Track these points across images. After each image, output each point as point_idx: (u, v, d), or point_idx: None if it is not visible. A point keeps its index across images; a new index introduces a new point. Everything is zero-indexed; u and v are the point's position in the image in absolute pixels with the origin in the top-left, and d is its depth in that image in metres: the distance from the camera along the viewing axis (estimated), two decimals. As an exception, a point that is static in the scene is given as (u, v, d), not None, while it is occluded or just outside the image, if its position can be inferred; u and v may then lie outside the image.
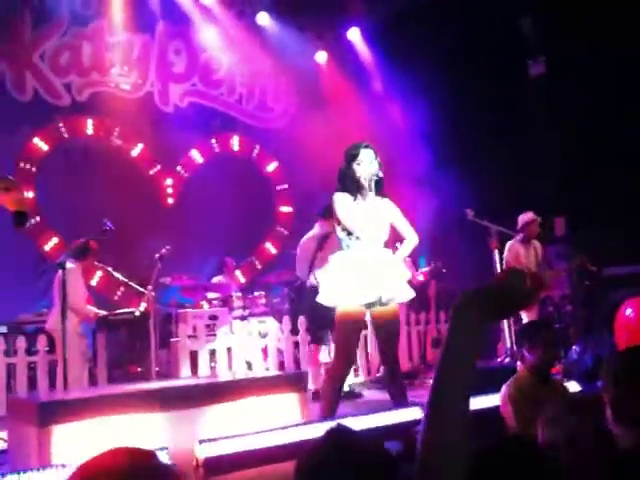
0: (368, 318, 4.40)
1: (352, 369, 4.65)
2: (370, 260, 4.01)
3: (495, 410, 3.67)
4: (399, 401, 4.10)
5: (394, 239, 4.39)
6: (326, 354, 6.03)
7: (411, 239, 4.26)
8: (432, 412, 1.26)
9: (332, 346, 5.65)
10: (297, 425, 3.74)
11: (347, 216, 4.03)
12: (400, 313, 4.60)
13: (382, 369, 5.12)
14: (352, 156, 4.10)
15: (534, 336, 3.56)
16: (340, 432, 1.42)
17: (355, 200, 4.09)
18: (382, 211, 4.15)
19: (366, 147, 4.13)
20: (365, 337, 7.10)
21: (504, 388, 3.57)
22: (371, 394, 6.10)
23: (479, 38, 8.66)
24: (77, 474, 1.11)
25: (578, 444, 1.90)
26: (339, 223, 4.08)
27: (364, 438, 1.42)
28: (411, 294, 4.21)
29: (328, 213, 5.45)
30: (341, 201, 4.06)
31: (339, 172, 4.18)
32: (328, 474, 1.31)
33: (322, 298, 4.12)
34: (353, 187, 4.08)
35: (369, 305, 4.05)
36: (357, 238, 4.04)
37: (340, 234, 4.11)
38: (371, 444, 1.40)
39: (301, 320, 6.85)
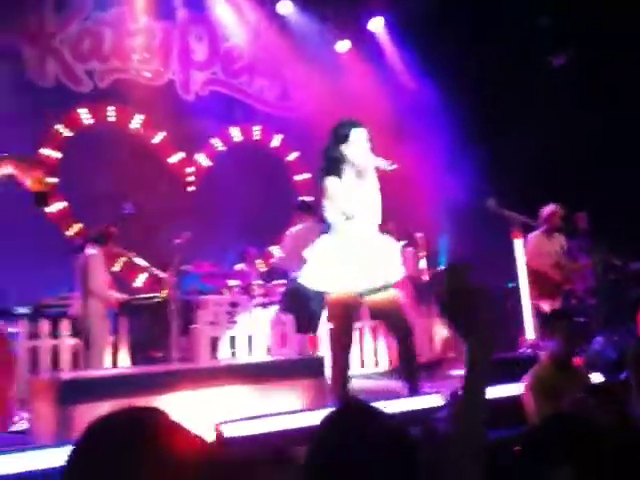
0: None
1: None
2: (364, 245, 3.92)
3: (515, 399, 3.63)
4: (411, 389, 4.05)
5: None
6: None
7: None
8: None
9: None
10: (313, 409, 3.73)
11: (344, 199, 3.90)
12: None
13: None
14: (341, 137, 3.91)
15: (555, 325, 3.55)
16: (356, 406, 1.35)
17: (346, 181, 3.94)
18: (377, 193, 4.02)
19: (359, 126, 3.92)
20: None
21: (526, 377, 3.55)
22: (389, 383, 6.05)
23: (500, 29, 8.59)
24: (85, 434, 1.11)
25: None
26: (333, 207, 3.96)
27: (382, 414, 1.33)
28: (400, 274, 4.07)
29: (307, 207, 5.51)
30: (334, 185, 3.92)
31: (325, 152, 3.97)
32: (342, 446, 1.24)
33: (308, 281, 4.01)
34: (338, 168, 3.90)
35: (365, 292, 3.97)
36: (351, 221, 3.92)
37: (332, 218, 3.99)
38: (389, 421, 1.32)
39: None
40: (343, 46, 10.29)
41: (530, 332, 5.65)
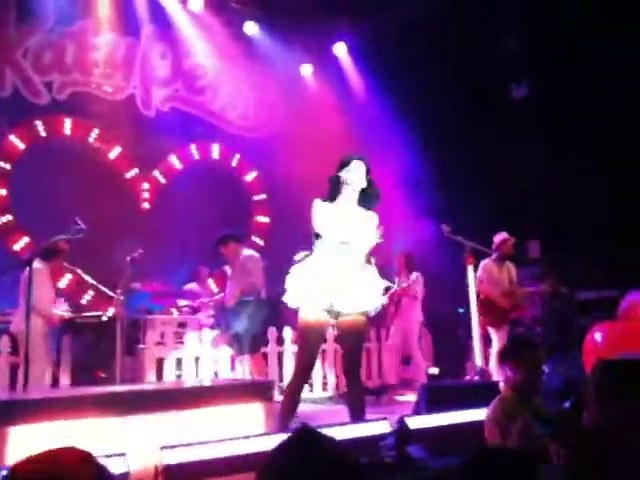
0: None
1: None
2: (335, 267, 3.92)
3: (475, 425, 3.58)
4: (356, 415, 4.02)
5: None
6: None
7: None
8: None
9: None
10: (260, 435, 3.66)
11: (320, 220, 3.98)
12: (367, 327, 4.47)
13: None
14: (343, 164, 4.12)
15: (519, 354, 3.43)
16: (306, 434, 1.35)
17: (332, 203, 4.05)
18: (364, 221, 4.06)
19: (359, 159, 4.14)
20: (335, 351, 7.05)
21: (489, 411, 3.41)
22: (336, 408, 6.00)
23: (464, 58, 8.76)
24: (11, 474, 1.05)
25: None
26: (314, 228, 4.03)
27: (330, 441, 1.34)
28: (374, 305, 4.04)
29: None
30: (316, 206, 4.02)
31: (328, 180, 4.17)
32: (291, 476, 1.25)
33: (286, 297, 4.02)
34: (335, 190, 4.06)
35: (332, 314, 3.96)
36: (329, 242, 3.96)
37: (315, 239, 4.04)
38: (338, 448, 1.33)
39: (271, 330, 6.78)
40: (308, 70, 10.38)
41: (478, 359, 5.69)
